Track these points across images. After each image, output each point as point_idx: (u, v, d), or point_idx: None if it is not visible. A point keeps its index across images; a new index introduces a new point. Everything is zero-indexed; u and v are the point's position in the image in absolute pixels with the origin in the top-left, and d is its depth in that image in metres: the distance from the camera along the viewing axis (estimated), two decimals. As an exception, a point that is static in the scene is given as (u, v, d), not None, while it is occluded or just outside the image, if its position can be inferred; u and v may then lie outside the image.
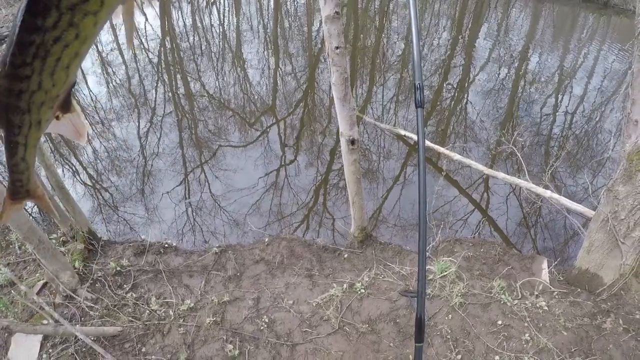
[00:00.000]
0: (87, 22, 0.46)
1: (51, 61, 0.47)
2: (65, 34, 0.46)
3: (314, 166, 7.33)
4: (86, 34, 0.48)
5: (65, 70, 0.49)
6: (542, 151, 7.71)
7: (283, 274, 4.89)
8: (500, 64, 10.85)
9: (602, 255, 4.41)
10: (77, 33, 0.46)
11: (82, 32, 0.47)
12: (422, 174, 1.98)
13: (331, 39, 3.99)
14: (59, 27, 0.45)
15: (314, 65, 10.86)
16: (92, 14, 0.46)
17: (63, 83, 0.50)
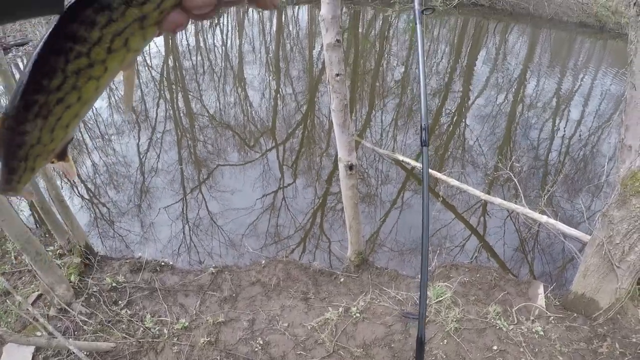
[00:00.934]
0: (89, 86, 0.50)
1: (52, 120, 0.51)
2: (68, 96, 0.50)
3: (312, 189, 7.35)
4: (88, 97, 0.52)
5: (64, 129, 0.53)
6: (539, 175, 7.75)
7: (279, 297, 4.89)
8: (498, 88, 10.95)
9: (598, 280, 4.42)
10: (79, 96, 0.51)
11: (84, 95, 0.51)
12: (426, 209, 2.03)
13: (332, 66, 4.05)
14: (62, 90, 0.49)
15: (314, 89, 10.95)
16: (95, 79, 0.50)
17: (61, 139, 0.55)
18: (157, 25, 0.50)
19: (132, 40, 0.50)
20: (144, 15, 0.48)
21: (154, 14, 0.48)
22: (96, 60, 0.49)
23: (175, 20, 0.49)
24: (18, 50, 12.90)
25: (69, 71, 0.48)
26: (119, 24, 0.48)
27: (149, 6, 0.47)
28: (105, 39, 0.48)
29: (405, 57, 12.73)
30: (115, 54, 0.50)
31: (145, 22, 0.49)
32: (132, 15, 0.47)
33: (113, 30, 0.48)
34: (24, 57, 12.70)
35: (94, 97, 0.53)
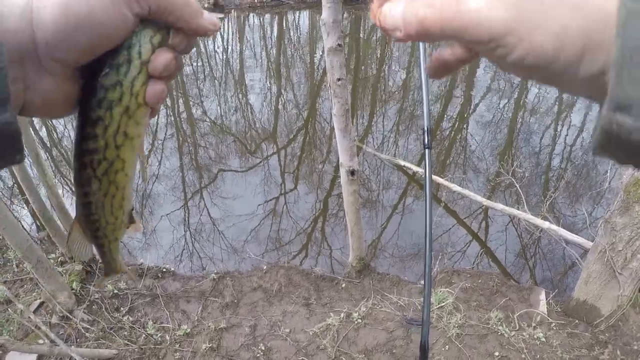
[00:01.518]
0: (119, 177, 0.62)
1: (108, 208, 0.65)
2: (109, 190, 0.63)
3: (313, 194, 7.35)
4: (124, 184, 0.64)
5: (120, 209, 0.67)
6: (540, 181, 7.74)
7: (280, 302, 4.88)
8: (500, 94, 10.94)
9: (600, 287, 4.41)
10: (116, 186, 0.63)
11: (119, 184, 0.63)
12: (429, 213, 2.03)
13: (333, 70, 4.06)
14: (102, 188, 0.62)
15: (315, 94, 10.96)
16: (121, 170, 0.62)
17: (122, 214, 0.68)
18: (143, 106, 0.58)
19: (130, 130, 0.59)
20: (126, 107, 0.57)
21: (133, 101, 0.57)
22: (113, 159, 0.60)
23: (153, 93, 0.58)
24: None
25: (99, 175, 0.60)
26: (113, 126, 0.57)
27: (126, 98, 0.56)
28: (109, 142, 0.58)
29: (407, 62, 12.73)
30: (124, 147, 0.60)
31: (130, 110, 0.57)
32: (118, 113, 0.57)
33: (112, 132, 0.57)
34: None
35: (128, 182, 0.65)
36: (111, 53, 0.55)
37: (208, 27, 0.59)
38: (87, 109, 0.57)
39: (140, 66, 0.56)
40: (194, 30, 0.58)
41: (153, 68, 0.57)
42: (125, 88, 0.56)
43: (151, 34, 0.56)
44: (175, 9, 0.56)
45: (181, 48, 0.60)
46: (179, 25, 0.57)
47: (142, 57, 0.56)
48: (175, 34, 0.58)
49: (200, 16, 0.58)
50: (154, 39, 0.57)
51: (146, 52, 0.56)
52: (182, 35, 0.59)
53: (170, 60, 0.57)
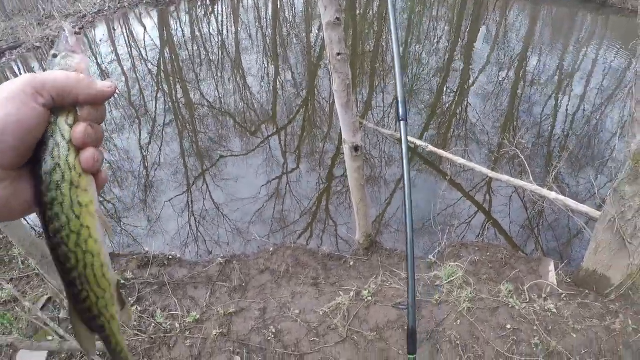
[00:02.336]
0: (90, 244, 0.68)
1: (91, 279, 0.69)
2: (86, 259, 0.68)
3: (316, 173, 7.30)
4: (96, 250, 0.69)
5: (103, 277, 0.71)
6: (543, 152, 7.68)
7: (289, 283, 4.86)
8: (500, 66, 10.82)
9: (610, 256, 4.37)
10: (92, 254, 0.68)
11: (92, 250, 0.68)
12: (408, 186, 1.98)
13: (332, 45, 3.98)
14: (79, 260, 0.68)
15: (313, 72, 10.85)
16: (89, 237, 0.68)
17: (109, 285, 0.72)
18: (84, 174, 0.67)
19: (81, 198, 0.67)
20: (70, 180, 0.65)
21: (74, 174, 0.66)
22: (78, 229, 0.67)
23: (86, 160, 0.66)
24: (12, 54, 12.82)
25: (72, 248, 0.67)
26: (67, 201, 0.65)
27: (67, 174, 0.65)
28: (69, 215, 0.66)
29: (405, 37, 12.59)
30: (83, 215, 0.67)
31: (75, 182, 0.66)
32: (66, 188, 0.65)
33: (67, 205, 0.65)
34: (18, 61, 12.63)
35: (100, 247, 0.69)
36: (40, 147, 0.64)
37: (105, 92, 0.68)
38: (42, 195, 0.65)
39: (67, 144, 0.65)
40: (94, 98, 0.67)
41: (75, 142, 0.65)
42: (63, 166, 0.65)
43: (65, 117, 0.66)
44: (72, 89, 0.65)
45: (94, 117, 0.68)
46: (81, 100, 0.66)
47: (65, 137, 0.65)
48: (81, 108, 0.67)
49: (94, 86, 0.67)
50: (69, 120, 0.66)
51: (67, 132, 0.65)
52: (88, 107, 0.67)
53: (85, 130, 0.66)
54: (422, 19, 14.29)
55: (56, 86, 0.63)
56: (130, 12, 15.35)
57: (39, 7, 14.87)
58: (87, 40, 13.84)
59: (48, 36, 13.39)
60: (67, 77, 0.65)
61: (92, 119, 0.68)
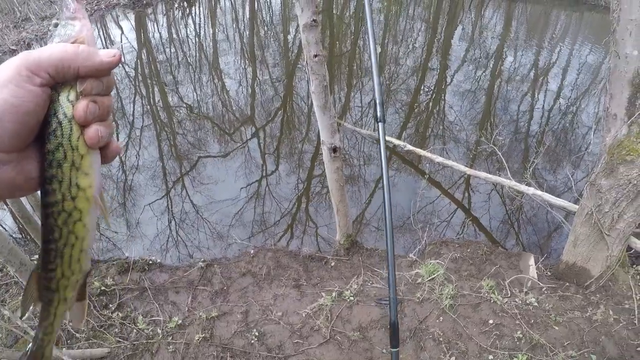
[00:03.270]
0: (78, 227, 0.68)
1: (67, 258, 0.70)
2: (69, 239, 0.68)
3: (295, 174, 7.30)
4: (82, 235, 0.69)
5: (78, 262, 0.71)
6: (521, 148, 7.76)
7: (270, 286, 4.84)
8: (476, 64, 10.93)
9: (588, 248, 4.43)
10: (76, 236, 0.69)
11: (78, 234, 0.69)
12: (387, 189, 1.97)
13: (309, 47, 3.98)
14: (63, 236, 0.68)
15: (291, 74, 10.84)
16: (79, 220, 0.68)
17: (79, 270, 0.73)
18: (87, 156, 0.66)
19: (81, 181, 0.66)
20: (72, 161, 0.65)
21: (76, 154, 0.65)
22: (70, 210, 0.67)
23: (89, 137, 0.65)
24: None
25: (60, 224, 0.67)
26: (65, 180, 0.65)
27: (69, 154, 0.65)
28: (65, 194, 0.66)
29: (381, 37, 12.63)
30: (79, 198, 0.67)
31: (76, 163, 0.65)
32: (67, 168, 0.65)
33: (65, 186, 0.66)
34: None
35: (87, 233, 0.70)
36: (46, 123, 0.64)
37: (107, 61, 0.65)
38: (43, 170, 0.65)
39: (69, 123, 0.64)
40: (97, 71, 0.65)
41: (77, 120, 0.64)
42: (66, 146, 0.64)
43: (66, 93, 0.64)
44: (71, 62, 0.62)
45: (98, 89, 0.66)
46: (82, 73, 0.64)
47: (67, 115, 0.64)
48: (81, 82, 0.64)
49: (94, 55, 0.64)
50: (70, 96, 0.64)
51: (69, 109, 0.64)
52: (90, 80, 0.65)
53: (86, 107, 0.64)
54: (398, 18, 14.36)
55: (53, 63, 0.61)
56: (107, 14, 15.16)
57: (15, 9, 14.62)
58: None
59: (24, 39, 13.18)
60: (63, 50, 0.62)
61: (97, 92, 0.66)
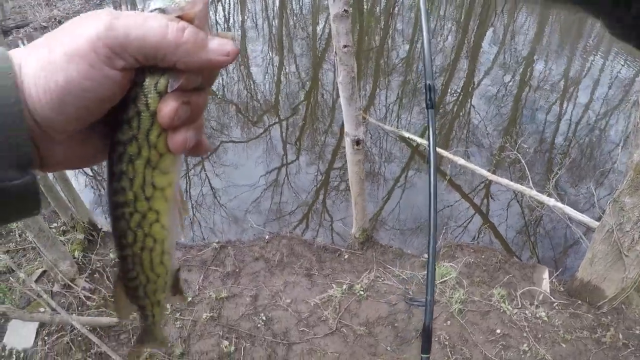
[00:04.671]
0: (155, 229, 0.58)
1: (146, 262, 0.60)
2: (146, 242, 0.58)
3: (315, 165, 7.29)
4: (161, 237, 0.59)
5: (161, 264, 0.62)
6: (544, 159, 7.66)
7: (282, 273, 4.84)
8: (505, 69, 10.78)
9: (605, 268, 4.35)
10: (153, 239, 0.58)
11: (156, 236, 0.59)
12: (434, 178, 1.94)
13: (339, 37, 3.95)
14: (138, 240, 0.58)
15: (318, 65, 10.81)
16: (155, 222, 0.58)
17: (165, 273, 0.63)
18: (167, 154, 0.55)
19: (157, 180, 0.55)
20: (147, 159, 0.53)
21: (153, 153, 0.53)
22: (145, 211, 0.56)
23: (175, 144, 0.53)
24: (18, 32, 12.76)
25: (133, 227, 0.57)
26: (138, 178, 0.54)
27: (144, 151, 0.53)
28: (138, 194, 0.55)
29: (411, 34, 12.53)
30: (155, 198, 0.56)
31: (152, 162, 0.54)
32: (140, 165, 0.53)
33: (138, 184, 0.54)
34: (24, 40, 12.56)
35: (167, 234, 0.60)
36: (122, 104, 0.52)
37: (216, 60, 0.51)
38: (112, 163, 0.54)
39: (150, 118, 0.52)
40: (199, 69, 0.51)
41: (161, 122, 0.51)
42: (141, 141, 0.53)
43: (154, 82, 0.51)
44: (168, 53, 0.48)
45: (195, 85, 0.52)
46: (180, 68, 0.50)
47: (150, 107, 0.51)
48: (176, 77, 0.50)
49: (201, 50, 0.50)
50: (159, 86, 0.51)
51: (153, 102, 0.51)
52: (188, 75, 0.51)
53: (176, 109, 0.50)
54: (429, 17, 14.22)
55: (143, 49, 0.47)
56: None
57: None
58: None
59: (56, 16, 13.32)
60: (162, 35, 0.47)
61: (192, 88, 0.52)
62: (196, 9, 0.50)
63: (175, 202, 0.59)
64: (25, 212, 0.52)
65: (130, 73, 0.49)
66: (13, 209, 0.50)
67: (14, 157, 0.47)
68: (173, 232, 0.61)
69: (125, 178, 0.54)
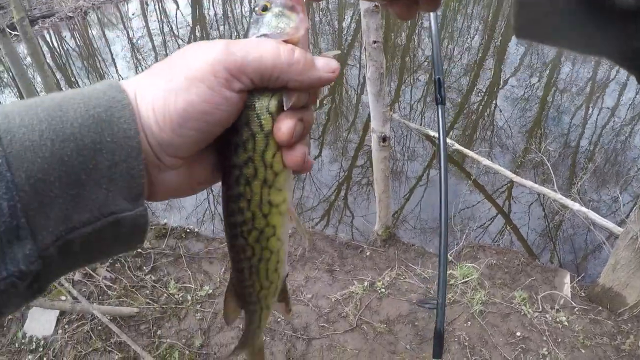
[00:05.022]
0: (272, 242, 0.61)
1: (262, 272, 0.64)
2: (263, 255, 0.62)
3: (337, 162, 7.29)
4: (277, 248, 0.62)
5: (275, 272, 0.65)
6: (568, 163, 7.57)
7: (304, 267, 4.86)
8: (532, 70, 10.67)
9: (628, 275, 4.30)
10: (270, 251, 0.62)
11: (273, 248, 0.62)
12: (444, 177, 1.92)
13: (369, 32, 3.95)
14: (256, 254, 0.61)
15: (343, 61, 10.80)
16: (272, 236, 0.60)
17: (278, 278, 0.67)
18: (282, 172, 0.57)
19: (273, 198, 0.58)
20: (264, 179, 0.56)
21: (269, 172, 0.56)
22: (262, 228, 0.59)
23: (293, 162, 0.55)
24: (44, 22, 12.91)
25: (252, 243, 0.60)
26: (255, 198, 0.56)
27: (261, 172, 0.55)
28: (256, 213, 0.58)
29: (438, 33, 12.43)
30: (271, 215, 0.58)
31: (269, 181, 0.56)
32: (257, 186, 0.56)
33: (255, 204, 0.57)
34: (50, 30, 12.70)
35: (282, 245, 0.63)
36: (232, 128, 0.54)
37: (325, 77, 0.54)
38: (228, 187, 0.57)
39: (265, 138, 0.54)
40: (308, 86, 0.54)
41: (280, 140, 0.54)
42: (257, 162, 0.55)
43: (266, 103, 0.53)
44: (282, 73, 0.51)
45: (304, 102, 0.55)
46: (291, 87, 0.53)
47: (264, 129, 0.54)
48: (289, 96, 0.53)
49: (311, 69, 0.53)
50: (271, 107, 0.53)
51: (267, 122, 0.53)
52: (299, 94, 0.54)
53: (293, 127, 0.53)
54: (456, 15, 14.12)
55: (260, 70, 0.50)
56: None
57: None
58: (120, 14, 13.91)
59: (81, 7, 13.44)
60: (276, 55, 0.50)
61: (302, 106, 0.55)
62: (299, 33, 0.54)
63: (289, 214, 0.61)
64: (131, 244, 0.54)
65: (245, 95, 0.52)
66: (121, 241, 0.51)
67: (128, 188, 0.49)
68: (286, 241, 0.64)
69: (243, 199, 0.57)
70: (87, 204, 0.46)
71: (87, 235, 0.47)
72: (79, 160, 0.45)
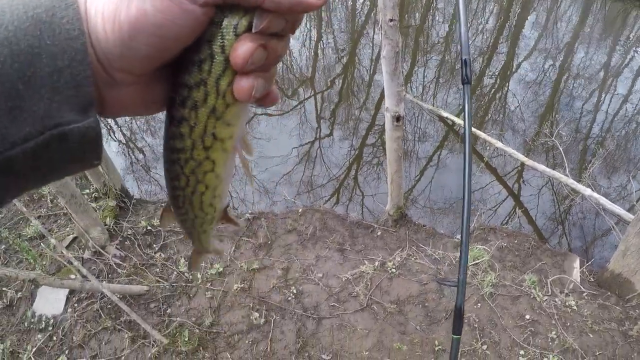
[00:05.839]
0: (209, 178, 0.58)
1: (196, 204, 0.61)
2: (197, 188, 0.58)
3: (348, 141, 7.27)
4: (213, 184, 0.59)
5: (210, 206, 0.62)
6: (578, 148, 7.54)
7: (314, 246, 4.85)
8: (545, 55, 10.56)
9: (637, 261, 4.29)
10: (205, 185, 0.58)
11: (209, 183, 0.58)
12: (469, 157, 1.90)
13: (385, 10, 3.88)
14: (190, 185, 0.58)
15: (355, 40, 10.71)
16: (210, 171, 0.57)
17: (214, 211, 0.64)
18: (233, 105, 0.51)
19: (219, 131, 0.53)
20: (212, 107, 0.50)
21: (220, 102, 0.50)
22: (201, 160, 0.55)
23: (240, 91, 0.48)
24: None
25: (187, 173, 0.56)
26: (199, 127, 0.51)
27: (211, 99, 0.50)
28: (197, 143, 0.53)
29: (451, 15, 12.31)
30: (213, 149, 0.54)
31: (218, 112, 0.51)
32: (203, 114, 0.50)
33: (198, 133, 0.52)
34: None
35: (220, 182, 0.60)
36: (194, 45, 0.47)
37: (310, 4, 0.46)
38: (172, 107, 0.52)
39: (224, 62, 0.47)
40: (287, 9, 0.46)
41: (233, 63, 0.46)
42: (209, 87, 0.49)
43: (235, 22, 0.46)
44: None
45: (277, 30, 0.47)
46: (266, 5, 0.45)
47: (225, 51, 0.47)
48: (260, 17, 0.46)
49: None
50: (239, 27, 0.46)
51: (230, 44, 0.46)
52: (273, 16, 0.46)
53: (252, 51, 0.46)
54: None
55: None
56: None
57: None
58: None
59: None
60: None
61: (274, 31, 0.47)
62: None
63: (234, 152, 0.58)
64: (85, 161, 0.49)
65: (211, 11, 0.45)
66: (72, 157, 0.47)
67: (75, 97, 0.44)
68: (227, 180, 0.61)
69: (186, 124, 0.51)
70: (27, 116, 0.42)
71: (31, 151, 0.43)
72: (14, 67, 0.41)
